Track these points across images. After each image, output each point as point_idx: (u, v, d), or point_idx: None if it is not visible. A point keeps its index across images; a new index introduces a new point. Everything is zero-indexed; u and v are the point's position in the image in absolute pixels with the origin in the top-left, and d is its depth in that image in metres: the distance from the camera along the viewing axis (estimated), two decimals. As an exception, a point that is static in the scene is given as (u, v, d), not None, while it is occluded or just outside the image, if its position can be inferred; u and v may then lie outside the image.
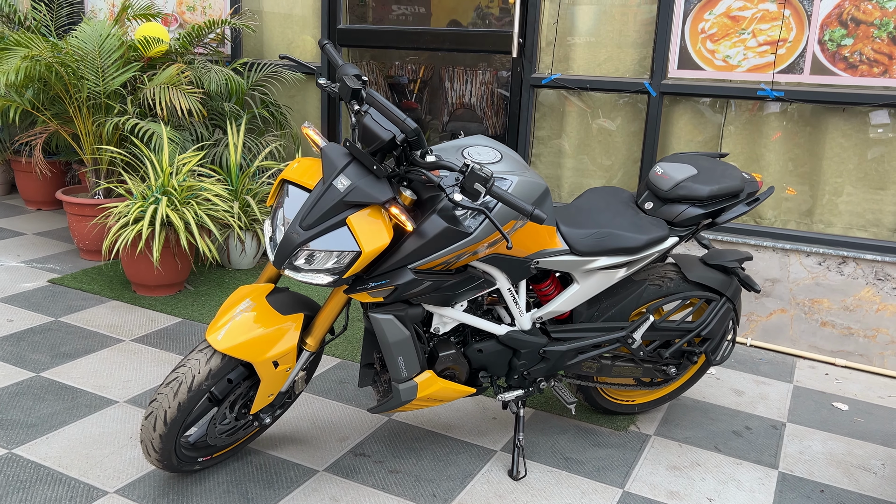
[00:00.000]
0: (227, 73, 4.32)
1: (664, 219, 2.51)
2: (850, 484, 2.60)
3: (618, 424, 2.89)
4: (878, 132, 3.48)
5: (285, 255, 2.02)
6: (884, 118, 3.47)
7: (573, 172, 4.20)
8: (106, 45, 4.04)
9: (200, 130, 4.30)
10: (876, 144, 3.52)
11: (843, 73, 3.47)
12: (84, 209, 4.15)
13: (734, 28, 3.63)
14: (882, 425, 3.03)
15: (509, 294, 2.35)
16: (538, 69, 4.13)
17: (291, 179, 2.11)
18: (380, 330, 2.16)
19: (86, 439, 2.56)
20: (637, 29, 3.88)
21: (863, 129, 3.53)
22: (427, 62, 5.79)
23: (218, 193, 3.79)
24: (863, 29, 3.41)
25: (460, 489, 2.42)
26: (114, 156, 4.14)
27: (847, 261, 3.53)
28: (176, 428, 2.12)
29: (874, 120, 3.49)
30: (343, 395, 2.98)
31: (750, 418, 3.01)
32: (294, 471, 2.46)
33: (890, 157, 3.51)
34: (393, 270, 2.08)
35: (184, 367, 2.11)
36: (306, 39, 4.79)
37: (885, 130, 3.48)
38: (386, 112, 1.97)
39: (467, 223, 2.07)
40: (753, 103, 3.70)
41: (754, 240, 3.70)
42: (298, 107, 4.87)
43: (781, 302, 3.70)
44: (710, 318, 2.69)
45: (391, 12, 5.81)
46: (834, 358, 3.61)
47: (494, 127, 5.85)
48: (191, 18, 5.02)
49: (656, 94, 3.82)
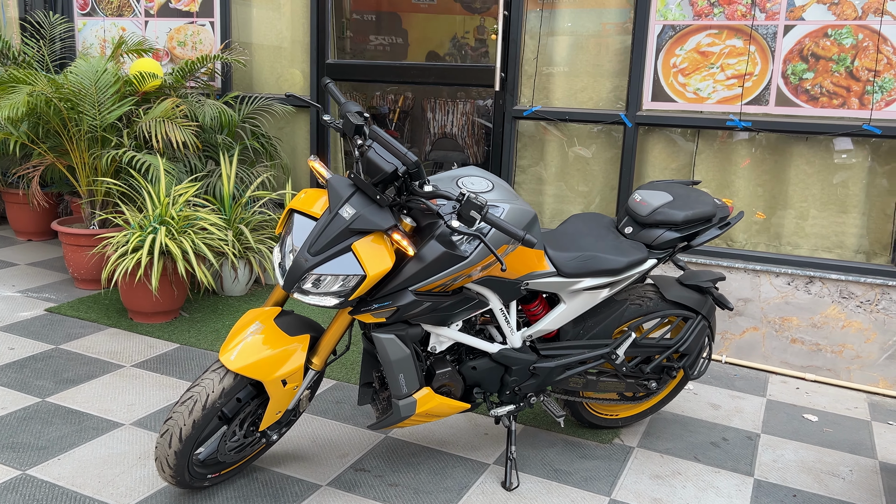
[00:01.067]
0: (219, 107, 4.47)
1: (643, 242, 2.70)
2: (821, 489, 2.77)
3: (603, 437, 3.05)
4: (842, 158, 3.71)
5: (294, 280, 2.16)
6: (847, 144, 3.71)
7: (554, 199, 4.39)
8: (102, 80, 4.18)
9: (194, 162, 4.44)
10: (838, 170, 3.75)
11: (805, 105, 3.71)
12: (80, 239, 4.25)
13: (704, 62, 3.87)
14: (849, 434, 3.21)
15: (501, 314, 2.51)
16: (519, 101, 4.34)
17: (299, 209, 2.26)
18: (382, 349, 2.30)
19: (96, 460, 2.67)
20: (612, 61, 4.11)
21: (825, 157, 3.77)
22: (408, 93, 6.00)
23: (214, 222, 3.92)
24: (822, 63, 3.66)
25: (457, 500, 2.56)
26: (110, 187, 4.26)
27: (814, 280, 3.75)
28: (190, 445, 2.24)
29: (838, 146, 3.73)
30: (341, 415, 3.11)
31: (726, 430, 3.19)
32: (298, 486, 2.58)
33: (851, 182, 3.74)
34: (395, 292, 2.23)
35: (198, 387, 2.24)
36: (294, 73, 4.96)
37: (847, 156, 3.71)
38: (388, 146, 2.14)
39: (463, 248, 2.24)
40: (723, 133, 3.93)
41: (727, 262, 3.90)
42: (288, 138, 5.03)
43: (753, 320, 3.89)
44: (688, 334, 2.87)
45: (369, 42, 6.02)
46: (804, 373, 3.81)
47: (475, 155, 6.06)
48: (181, 53, 5.17)
49: (632, 124, 4.03)
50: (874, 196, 3.72)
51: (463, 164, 5.71)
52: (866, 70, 3.59)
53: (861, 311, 3.68)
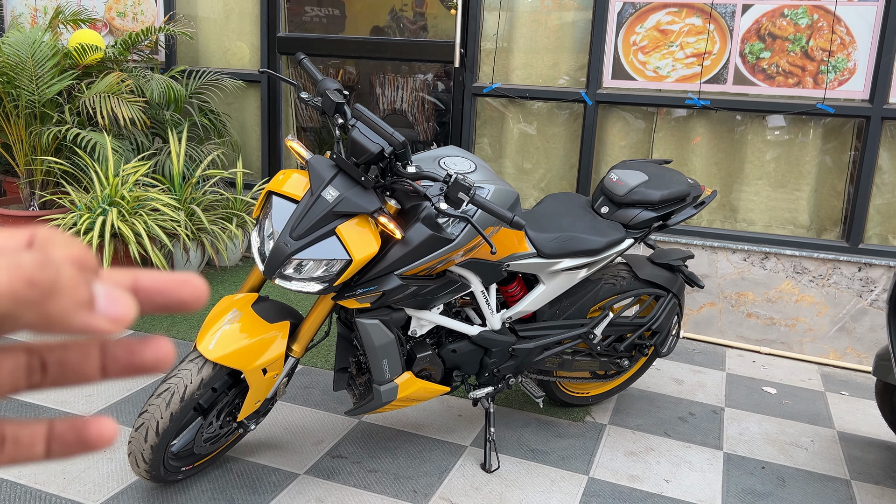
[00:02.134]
0: (166, 81, 4.28)
1: (620, 222, 2.70)
2: (787, 459, 2.86)
3: (575, 416, 3.07)
4: (797, 137, 3.80)
5: (276, 265, 2.08)
6: (779, 122, 3.80)
7: (513, 178, 4.37)
8: (39, 53, 3.94)
9: (141, 139, 4.24)
10: (792, 149, 3.84)
11: (761, 84, 3.78)
12: (19, 221, 4.03)
13: (664, 41, 3.89)
14: (807, 406, 3.32)
15: (482, 296, 2.48)
16: (479, 78, 4.28)
17: (278, 191, 2.17)
18: (367, 334, 2.25)
19: (58, 455, 2.53)
20: (573, 39, 4.09)
21: (780, 135, 3.85)
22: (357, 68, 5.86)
23: (166, 203, 3.76)
24: (779, 43, 3.72)
25: (438, 483, 2.53)
26: (51, 166, 4.04)
27: (769, 256, 3.84)
28: (168, 438, 2.15)
29: (770, 123, 3.81)
30: (310, 400, 3.04)
31: (692, 405, 3.25)
32: (275, 475, 2.51)
33: (804, 160, 3.84)
34: (380, 277, 2.17)
35: (175, 378, 2.14)
36: (241, 46, 4.78)
37: (801, 135, 3.80)
38: (374, 126, 2.07)
39: (449, 230, 2.19)
40: (682, 111, 3.97)
41: (685, 238, 3.96)
42: (237, 114, 4.86)
43: (710, 296, 3.98)
44: (659, 312, 2.90)
45: (305, 14, 5.85)
46: (759, 346, 3.92)
47: (425, 132, 5.98)
48: (121, 25, 4.92)
49: (592, 102, 4.03)
50: (825, 173, 3.83)
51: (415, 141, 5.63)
52: (821, 50, 3.67)
53: (813, 285, 3.79)
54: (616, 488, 2.59)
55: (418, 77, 5.81)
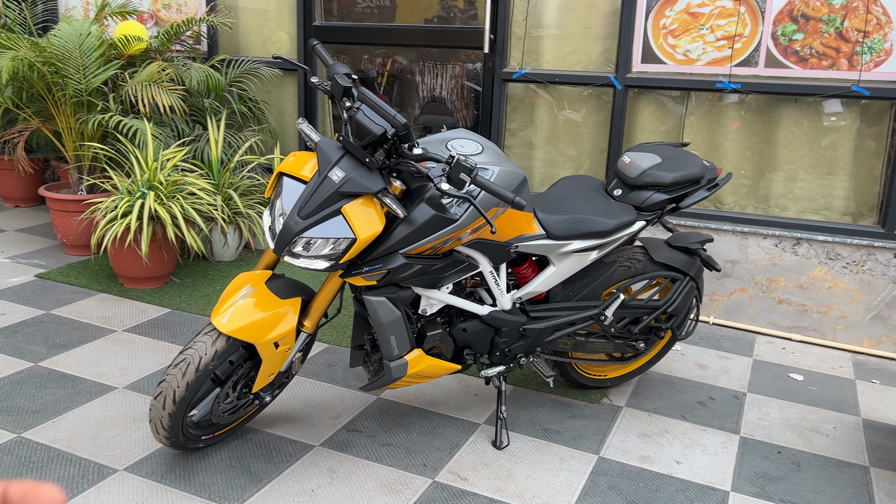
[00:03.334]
0: (206, 70, 4.42)
1: (632, 204, 2.71)
2: (805, 445, 2.83)
3: (592, 397, 3.09)
4: (831, 120, 3.72)
5: (285, 243, 2.17)
6: (836, 107, 3.72)
7: (543, 163, 4.39)
8: (86, 44, 4.12)
9: (181, 126, 4.40)
10: (826, 132, 3.77)
11: (794, 66, 3.71)
12: (69, 205, 4.23)
13: (694, 24, 3.85)
14: (834, 393, 3.27)
15: (491, 276, 2.53)
16: (509, 64, 4.31)
17: (288, 172, 2.26)
18: (373, 311, 2.32)
19: (91, 423, 2.69)
20: (602, 23, 4.08)
21: (813, 119, 3.78)
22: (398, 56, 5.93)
23: (203, 187, 3.91)
24: (812, 24, 3.65)
25: (448, 458, 2.60)
26: (97, 152, 4.23)
27: (801, 242, 3.78)
28: (184, 406, 2.26)
29: (828, 109, 3.73)
30: (333, 377, 3.14)
31: (713, 389, 3.24)
32: (292, 446, 2.62)
33: (839, 144, 3.76)
34: (385, 255, 2.24)
35: (191, 349, 2.25)
36: (281, 36, 4.90)
37: (836, 118, 3.72)
38: (377, 108, 2.13)
39: (453, 210, 2.24)
40: (712, 95, 3.93)
41: (715, 224, 3.92)
42: (275, 102, 4.99)
43: (741, 282, 3.93)
44: (676, 295, 2.90)
45: (356, 5, 5.94)
46: (790, 333, 3.86)
47: (465, 119, 6.02)
48: (166, 16, 5.10)
49: (621, 87, 4.02)
50: (862, 158, 3.74)
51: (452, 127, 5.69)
52: (856, 31, 3.58)
53: (847, 271, 3.72)
54: (625, 468, 2.61)
55: (457, 64, 5.85)
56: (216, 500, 2.30)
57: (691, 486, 2.53)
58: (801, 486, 2.56)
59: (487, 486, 2.46)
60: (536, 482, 2.50)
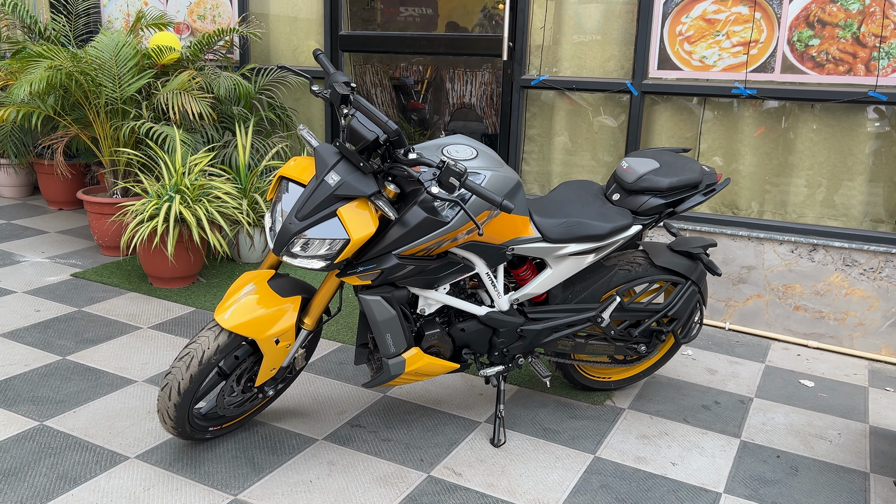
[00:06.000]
0: (235, 79, 4.59)
1: (629, 209, 2.75)
2: (806, 450, 2.83)
3: (595, 399, 3.13)
4: (849, 125, 3.70)
5: (283, 243, 2.28)
6: (872, 113, 3.68)
7: (563, 168, 4.44)
8: (122, 54, 4.32)
9: (211, 133, 4.57)
10: (844, 138, 3.74)
11: (810, 72, 3.70)
12: (103, 208, 4.43)
13: (709, 30, 3.86)
14: (844, 400, 3.25)
15: (488, 278, 2.60)
16: (527, 71, 4.38)
17: (288, 176, 2.37)
18: (369, 310, 2.41)
19: (109, 413, 2.84)
20: (619, 30, 4.12)
21: (831, 125, 3.75)
22: (431, 64, 6.04)
23: (227, 191, 4.06)
24: (828, 30, 3.63)
25: (446, 454, 2.68)
26: (130, 157, 4.43)
27: (817, 248, 3.76)
28: (189, 398, 2.39)
29: (872, 115, 3.68)
30: (342, 375, 3.24)
31: (720, 394, 3.25)
32: (296, 439, 2.72)
33: (857, 150, 3.73)
34: (379, 256, 2.34)
35: (194, 344, 2.38)
36: (310, 45, 5.05)
37: (854, 124, 3.69)
38: (370, 115, 2.23)
39: (445, 213, 2.33)
40: (729, 101, 3.93)
41: (731, 229, 3.92)
42: (303, 109, 5.14)
43: (757, 288, 3.92)
44: (677, 299, 2.92)
45: (398, 14, 6.06)
46: (807, 340, 3.83)
47: (495, 126, 6.10)
48: (201, 27, 5.29)
49: (638, 93, 4.05)
50: (881, 163, 3.71)
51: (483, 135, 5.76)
52: (873, 36, 3.56)
53: (864, 278, 3.69)
54: (619, 468, 2.65)
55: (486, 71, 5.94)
56: (218, 488, 2.42)
57: (683, 487, 2.55)
58: (795, 490, 2.57)
59: (480, 481, 2.53)
60: (529, 479, 2.56)
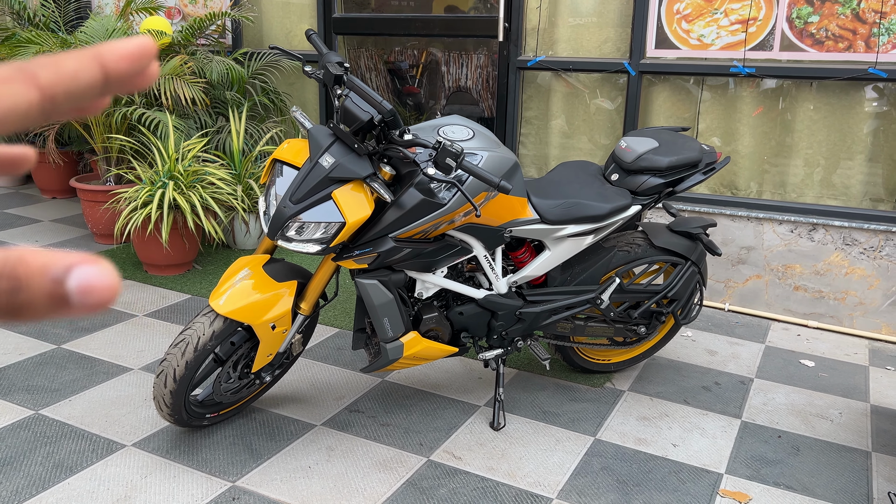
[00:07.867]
0: (227, 63, 4.53)
1: (628, 189, 2.72)
2: (807, 430, 2.81)
3: (594, 381, 3.11)
4: (849, 103, 3.66)
5: (278, 227, 2.24)
6: (871, 93, 3.65)
7: (560, 151, 4.40)
8: (111, 39, 4.26)
9: (204, 118, 4.52)
10: (844, 116, 3.70)
11: (810, 49, 3.65)
12: (96, 195, 4.39)
13: (707, 8, 3.81)
14: (845, 379, 3.23)
15: (485, 261, 2.57)
16: (524, 52, 4.33)
17: (282, 158, 2.33)
18: (365, 293, 2.38)
19: (104, 401, 2.81)
20: (616, 9, 4.07)
21: (830, 103, 3.72)
22: (426, 47, 5.98)
23: (222, 177, 4.02)
24: (828, 6, 3.59)
25: (445, 438, 2.66)
26: (123, 144, 4.38)
27: (817, 227, 3.73)
28: (184, 384, 2.36)
29: (869, 94, 3.65)
30: (340, 360, 3.22)
31: (720, 375, 3.23)
32: (294, 425, 2.70)
33: (857, 128, 3.69)
34: (375, 239, 2.30)
35: (190, 330, 2.35)
36: (304, 28, 4.99)
37: (853, 102, 3.66)
38: (364, 95, 2.19)
39: (441, 195, 2.29)
40: (727, 79, 3.89)
41: (730, 210, 3.89)
42: (297, 93, 5.08)
43: (756, 268, 3.90)
44: (676, 280, 2.90)
45: None
46: (806, 320, 3.82)
47: (491, 108, 6.05)
48: (192, 11, 5.23)
49: (635, 73, 4.01)
50: (881, 142, 3.67)
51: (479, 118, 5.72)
52: (873, 12, 3.51)
53: (864, 257, 3.66)
54: (620, 450, 2.63)
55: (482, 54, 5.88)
56: (216, 475, 2.40)
57: (685, 468, 2.54)
58: (797, 470, 2.55)
59: (480, 465, 2.51)
60: (529, 462, 2.54)
